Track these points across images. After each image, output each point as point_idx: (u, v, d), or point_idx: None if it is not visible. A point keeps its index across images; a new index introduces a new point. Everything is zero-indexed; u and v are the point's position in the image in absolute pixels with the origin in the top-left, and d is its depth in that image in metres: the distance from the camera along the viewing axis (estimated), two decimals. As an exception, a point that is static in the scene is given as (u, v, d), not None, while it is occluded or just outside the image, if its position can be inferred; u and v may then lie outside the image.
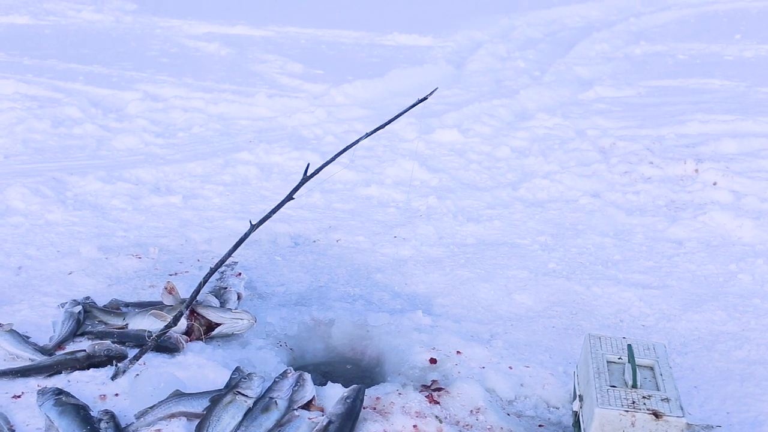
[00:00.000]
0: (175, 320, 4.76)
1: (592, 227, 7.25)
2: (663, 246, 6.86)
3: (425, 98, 4.95)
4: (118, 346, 4.84)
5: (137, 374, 4.48)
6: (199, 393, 4.32)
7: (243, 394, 4.21)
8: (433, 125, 10.18)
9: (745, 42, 15.85)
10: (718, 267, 6.46)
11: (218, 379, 4.56)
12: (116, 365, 4.62)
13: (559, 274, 6.36)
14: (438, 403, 4.47)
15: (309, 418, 4.21)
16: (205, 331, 5.07)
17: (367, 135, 4.89)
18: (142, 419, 4.16)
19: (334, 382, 4.63)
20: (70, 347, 4.93)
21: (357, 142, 4.87)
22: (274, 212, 4.82)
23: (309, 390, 4.37)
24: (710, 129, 9.87)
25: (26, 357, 4.76)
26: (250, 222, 4.83)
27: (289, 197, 4.80)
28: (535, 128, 10.22)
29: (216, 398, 4.21)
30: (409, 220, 7.39)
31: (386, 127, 5.02)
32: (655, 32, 17.35)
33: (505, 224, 7.34)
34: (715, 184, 8.03)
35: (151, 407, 4.20)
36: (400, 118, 5.04)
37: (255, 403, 4.21)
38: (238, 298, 5.57)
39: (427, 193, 8.01)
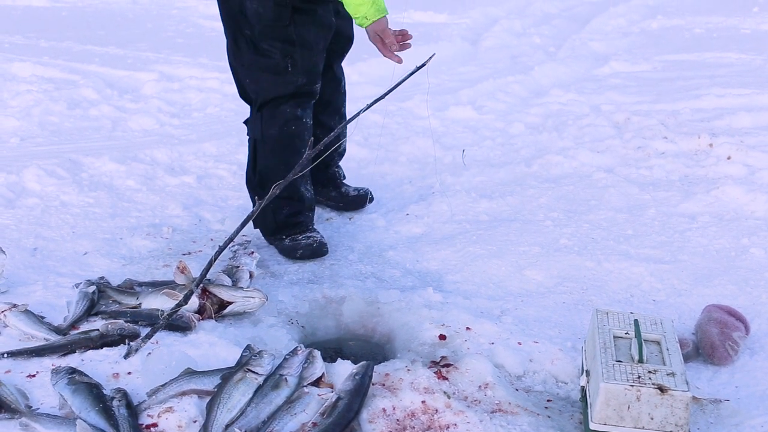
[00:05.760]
0: (186, 299, 4.81)
1: (604, 203, 7.23)
2: (675, 221, 6.83)
3: (423, 65, 5.00)
4: (130, 325, 4.90)
5: (149, 353, 4.54)
6: (210, 371, 4.37)
7: (253, 372, 4.26)
8: (448, 102, 10.16)
9: (763, 15, 15.68)
10: (730, 241, 6.44)
11: (229, 357, 4.62)
12: (129, 344, 4.68)
13: (570, 250, 6.36)
14: (446, 379, 4.51)
15: (318, 395, 4.26)
16: (217, 309, 5.13)
17: (368, 107, 4.95)
18: (153, 397, 4.22)
19: (344, 359, 4.67)
20: (84, 327, 5.00)
21: (358, 114, 4.93)
22: (279, 188, 4.86)
23: (318, 367, 4.42)
24: (725, 103, 9.80)
25: (41, 337, 4.83)
26: (257, 199, 4.87)
27: (295, 174, 4.84)
28: (550, 104, 10.18)
29: (226, 376, 4.26)
30: (423, 197, 7.40)
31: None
32: (672, 6, 17.19)
33: (518, 200, 7.33)
34: (729, 158, 7.98)
35: (162, 385, 4.25)
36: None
37: (265, 381, 4.26)
38: (250, 276, 5.61)
39: (440, 170, 8.01)
